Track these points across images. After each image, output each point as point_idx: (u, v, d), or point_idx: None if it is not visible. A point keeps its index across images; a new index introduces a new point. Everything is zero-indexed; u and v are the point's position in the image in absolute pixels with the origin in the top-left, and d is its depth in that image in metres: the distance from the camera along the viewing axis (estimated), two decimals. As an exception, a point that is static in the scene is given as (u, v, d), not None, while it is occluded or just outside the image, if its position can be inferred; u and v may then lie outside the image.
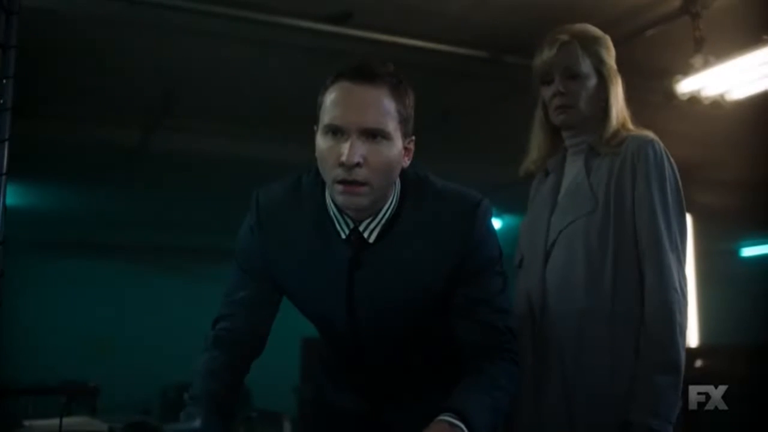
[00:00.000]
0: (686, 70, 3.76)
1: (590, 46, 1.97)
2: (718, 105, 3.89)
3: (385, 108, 1.51)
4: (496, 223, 1.91)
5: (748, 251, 9.60)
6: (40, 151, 5.49)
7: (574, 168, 2.01)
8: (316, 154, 1.55)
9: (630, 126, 1.98)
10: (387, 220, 1.60)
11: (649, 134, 1.94)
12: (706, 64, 3.69)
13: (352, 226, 1.60)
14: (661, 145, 1.91)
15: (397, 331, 1.67)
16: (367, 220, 1.59)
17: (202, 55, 4.40)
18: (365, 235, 1.60)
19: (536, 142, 2.10)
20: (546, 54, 1.97)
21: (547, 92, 2.00)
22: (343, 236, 1.61)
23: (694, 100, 3.88)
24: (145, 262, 9.40)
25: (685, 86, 3.80)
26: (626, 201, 1.87)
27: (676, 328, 1.77)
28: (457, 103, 5.22)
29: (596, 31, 2.02)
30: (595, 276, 1.85)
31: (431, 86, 4.93)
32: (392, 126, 1.51)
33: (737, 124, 4.85)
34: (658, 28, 3.97)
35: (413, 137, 1.61)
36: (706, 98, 3.84)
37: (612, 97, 1.97)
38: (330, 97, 1.52)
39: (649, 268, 1.81)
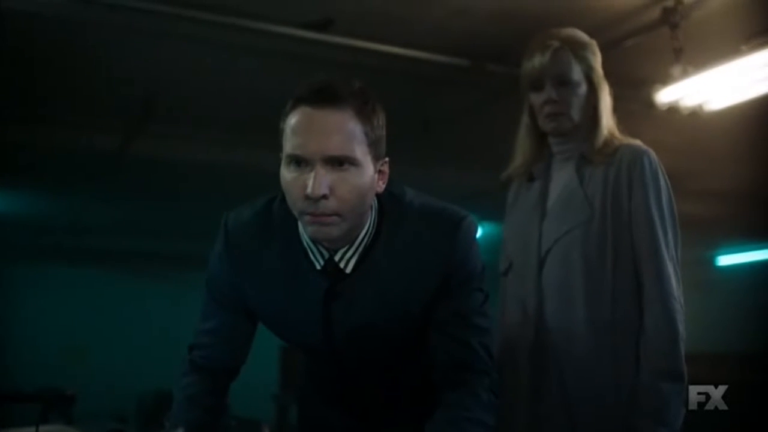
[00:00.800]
0: (665, 80, 3.78)
1: (580, 52, 1.95)
2: (696, 115, 3.93)
3: (351, 132, 1.39)
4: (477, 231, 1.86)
5: (724, 260, 9.67)
6: (17, 155, 5.45)
7: (563, 175, 1.99)
8: (281, 184, 1.44)
9: (617, 134, 1.97)
10: (364, 248, 1.51)
11: (642, 144, 1.94)
12: (685, 74, 3.72)
13: (327, 256, 1.51)
14: (655, 155, 1.91)
15: (379, 354, 1.62)
16: (343, 249, 1.50)
17: (184, 61, 4.38)
18: (341, 265, 1.51)
19: (522, 148, 2.07)
20: (537, 60, 1.93)
21: (537, 99, 1.97)
22: (318, 267, 1.52)
23: (673, 109, 3.91)
24: (123, 268, 9.34)
25: (665, 96, 3.82)
26: (623, 211, 1.86)
27: (678, 336, 1.78)
28: (438, 111, 5.23)
29: (584, 36, 2.00)
30: (594, 285, 1.85)
31: (412, 94, 4.96)
32: (360, 151, 1.39)
33: (715, 134, 4.90)
34: (637, 39, 4.00)
35: (387, 159, 1.49)
36: (685, 108, 3.87)
37: (601, 104, 1.96)
38: (290, 125, 1.40)
39: (649, 278, 1.82)
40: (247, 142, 5.48)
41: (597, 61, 1.97)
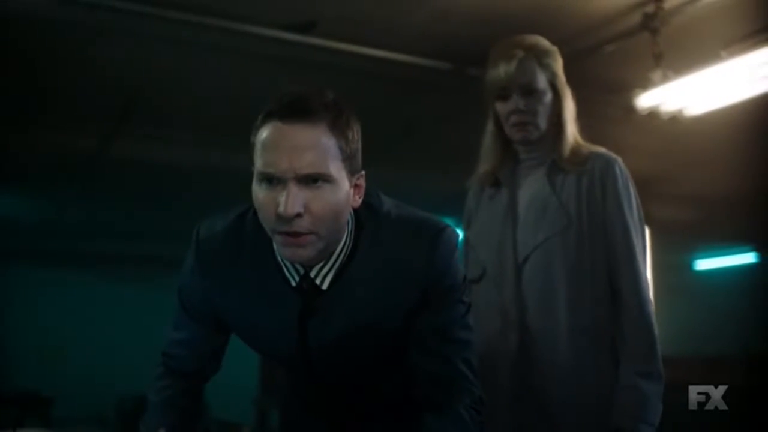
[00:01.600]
0: (646, 85, 3.81)
1: (544, 59, 1.97)
2: (676, 120, 3.95)
3: (325, 148, 1.32)
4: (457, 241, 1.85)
5: (702, 264, 9.74)
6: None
7: (533, 182, 2.00)
8: (253, 202, 1.39)
9: (580, 140, 2.00)
10: (341, 264, 1.46)
11: (610, 152, 1.97)
12: (665, 79, 3.74)
13: (302, 272, 1.46)
14: (622, 163, 1.95)
15: (356, 369, 1.59)
16: (319, 266, 1.44)
17: (165, 62, 4.36)
18: (317, 281, 1.46)
19: (487, 155, 2.09)
20: (503, 69, 1.95)
21: (503, 108, 1.98)
22: (294, 284, 1.47)
23: (653, 114, 3.93)
24: (101, 270, 9.27)
25: (645, 101, 3.85)
26: (597, 219, 1.90)
27: (655, 339, 1.84)
28: (420, 114, 5.24)
29: (547, 43, 2.01)
30: (575, 292, 1.88)
31: (394, 97, 4.97)
32: (335, 167, 1.34)
33: (695, 139, 4.94)
34: (618, 44, 4.03)
35: (363, 172, 1.44)
36: (665, 113, 3.90)
37: (566, 112, 1.98)
38: (261, 140, 1.34)
39: (626, 284, 1.86)
40: (229, 144, 5.46)
41: (560, 67, 2.00)
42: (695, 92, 3.77)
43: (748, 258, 9.20)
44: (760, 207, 6.33)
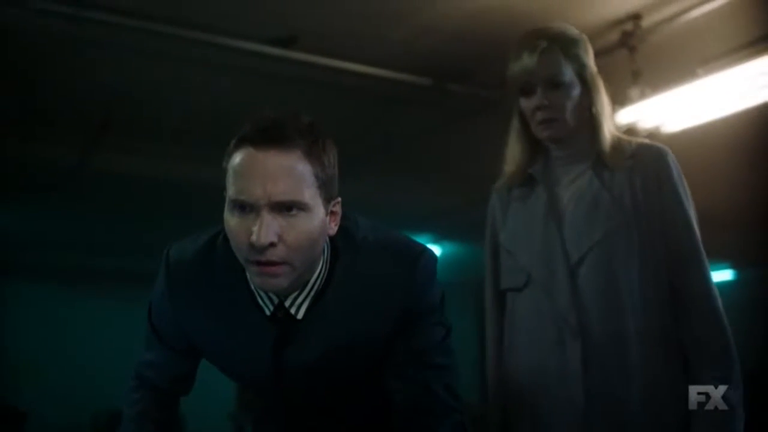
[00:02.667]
0: (623, 102, 3.84)
1: (571, 50, 1.80)
2: (654, 136, 3.99)
3: (300, 175, 1.28)
4: (436, 250, 1.75)
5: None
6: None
7: (576, 179, 1.85)
8: (225, 230, 1.34)
9: (618, 133, 1.87)
10: (316, 292, 1.42)
11: (656, 143, 1.85)
12: (643, 96, 3.78)
13: (276, 301, 1.42)
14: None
15: (332, 396, 1.57)
16: (294, 295, 1.41)
17: (145, 75, 4.34)
18: (292, 311, 1.42)
19: (514, 155, 1.93)
20: (526, 61, 1.79)
21: (527, 104, 1.83)
22: (268, 313, 1.43)
23: (631, 131, 3.96)
24: (77, 284, 9.17)
25: (623, 117, 3.88)
26: (656, 216, 1.76)
27: (731, 339, 1.70)
28: (400, 130, 5.24)
29: (575, 31, 1.86)
30: (642, 295, 1.73)
31: (374, 112, 4.97)
32: (309, 194, 1.29)
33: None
34: (596, 61, 4.06)
35: (339, 198, 1.39)
36: (643, 129, 3.93)
37: (598, 105, 1.82)
38: (233, 167, 1.29)
39: (694, 282, 1.73)
40: (209, 158, 5.44)
41: (590, 57, 1.84)
42: (672, 109, 3.81)
43: (726, 275, 9.27)
44: (737, 224, 6.39)
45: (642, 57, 3.85)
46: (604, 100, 1.84)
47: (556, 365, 1.76)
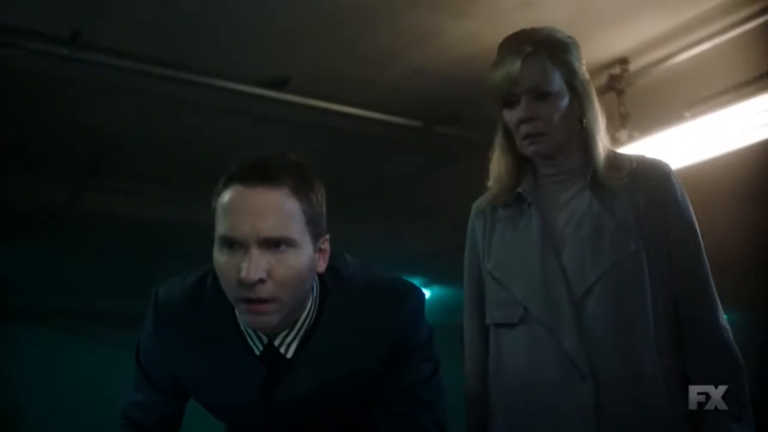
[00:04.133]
0: (612, 144, 3.86)
1: (559, 54, 1.63)
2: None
3: (288, 211, 1.30)
4: (426, 293, 1.69)
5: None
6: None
7: (572, 200, 1.68)
8: (215, 268, 1.36)
9: (612, 147, 1.72)
10: (306, 331, 1.43)
11: (656, 158, 1.70)
12: (631, 139, 3.81)
13: (266, 341, 1.43)
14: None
15: (320, 431, 1.56)
16: (283, 334, 1.42)
17: (136, 115, 4.36)
18: (282, 350, 1.42)
19: (498, 172, 1.76)
20: (508, 68, 1.62)
21: (510, 116, 1.66)
22: (257, 353, 1.44)
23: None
24: (62, 326, 9.09)
25: (612, 160, 3.89)
26: (661, 239, 1.61)
27: (743, 372, 1.57)
28: (390, 172, 5.26)
29: (563, 34, 1.69)
30: (657, 329, 1.57)
31: (365, 154, 4.99)
32: (297, 230, 1.31)
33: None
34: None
35: (327, 236, 1.41)
36: (632, 171, 3.94)
37: (590, 116, 1.65)
38: (222, 205, 1.32)
39: (704, 312, 1.59)
40: (199, 200, 5.43)
41: (581, 63, 1.67)
42: (660, 152, 3.84)
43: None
44: (724, 268, 6.39)
45: (629, 100, 3.89)
46: (596, 110, 1.68)
47: (564, 411, 1.58)
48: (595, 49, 3.73)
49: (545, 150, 1.66)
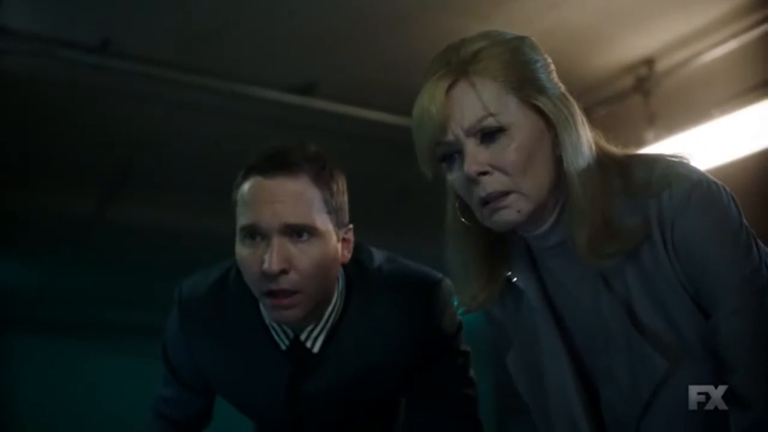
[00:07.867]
0: (639, 144, 3.86)
1: (509, 67, 1.10)
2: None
3: (309, 199, 1.29)
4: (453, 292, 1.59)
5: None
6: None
7: (585, 286, 1.16)
8: (237, 262, 1.34)
9: (611, 150, 1.21)
10: (332, 325, 1.40)
11: (681, 178, 1.18)
12: (658, 139, 3.80)
13: (292, 335, 1.40)
14: (709, 184, 1.17)
15: (347, 426, 1.53)
16: (309, 328, 1.39)
17: (164, 124, 4.39)
18: (308, 344, 1.40)
19: (464, 266, 1.23)
20: (429, 108, 1.10)
21: (455, 178, 1.14)
22: (283, 348, 1.42)
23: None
24: (92, 338, 9.14)
25: (639, 160, 3.89)
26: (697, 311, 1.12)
27: None
28: (418, 179, 5.25)
29: (511, 35, 1.16)
30: None
31: (392, 160, 4.99)
32: (320, 219, 1.30)
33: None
34: (611, 106, 4.10)
35: (350, 225, 1.39)
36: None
37: (567, 146, 1.10)
38: (242, 195, 1.31)
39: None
40: (227, 209, 5.45)
41: (545, 72, 1.15)
42: (688, 151, 3.82)
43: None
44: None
45: (656, 100, 3.89)
46: (577, 138, 1.12)
47: None
48: (620, 51, 3.74)
49: (519, 216, 1.11)
